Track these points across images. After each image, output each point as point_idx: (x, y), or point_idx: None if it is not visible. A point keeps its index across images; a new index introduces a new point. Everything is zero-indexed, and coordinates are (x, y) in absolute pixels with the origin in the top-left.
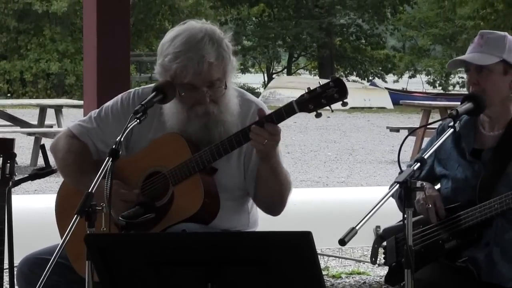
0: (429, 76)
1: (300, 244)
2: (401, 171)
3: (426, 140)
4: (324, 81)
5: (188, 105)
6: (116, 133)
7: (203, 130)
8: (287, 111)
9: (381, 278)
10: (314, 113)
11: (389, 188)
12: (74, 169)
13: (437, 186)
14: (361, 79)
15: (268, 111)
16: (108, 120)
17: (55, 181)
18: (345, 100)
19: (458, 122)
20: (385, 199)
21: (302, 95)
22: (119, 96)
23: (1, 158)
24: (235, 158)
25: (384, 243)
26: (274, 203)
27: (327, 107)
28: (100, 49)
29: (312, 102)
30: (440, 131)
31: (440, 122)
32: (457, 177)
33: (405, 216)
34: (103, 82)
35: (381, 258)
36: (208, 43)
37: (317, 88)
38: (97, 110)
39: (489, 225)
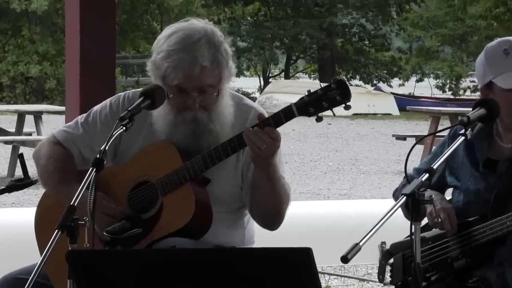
0: (437, 80)
1: (300, 261)
2: (408, 182)
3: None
4: (325, 85)
5: (177, 109)
6: (105, 139)
7: (190, 138)
8: (286, 115)
9: None
10: (315, 117)
11: (393, 196)
12: (55, 177)
13: (448, 196)
14: (365, 83)
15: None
16: (96, 125)
17: (34, 193)
18: (347, 103)
19: (469, 129)
20: (391, 212)
21: (302, 98)
22: (108, 100)
23: None
24: (231, 167)
25: (391, 260)
26: (270, 216)
27: (329, 111)
28: (83, 50)
29: (312, 105)
30: (453, 136)
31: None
32: (469, 190)
33: (413, 231)
34: (87, 87)
35: (387, 277)
36: (204, 45)
37: (318, 90)
38: (85, 115)
39: (502, 243)
